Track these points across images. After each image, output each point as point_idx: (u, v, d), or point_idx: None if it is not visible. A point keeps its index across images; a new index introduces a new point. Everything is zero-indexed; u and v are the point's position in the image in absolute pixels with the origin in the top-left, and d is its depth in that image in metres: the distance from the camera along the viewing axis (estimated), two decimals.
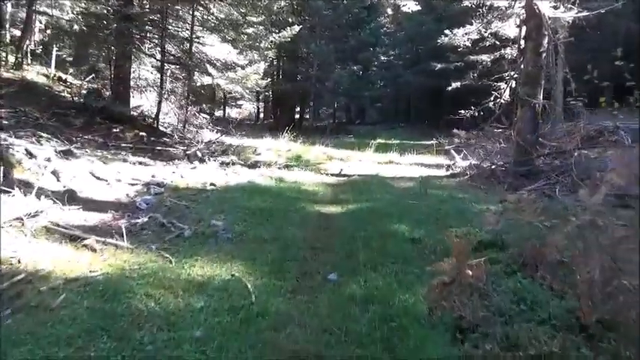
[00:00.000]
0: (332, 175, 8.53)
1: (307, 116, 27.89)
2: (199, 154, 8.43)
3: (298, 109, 25.47)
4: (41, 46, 13.30)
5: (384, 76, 29.87)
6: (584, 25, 10.47)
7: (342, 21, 19.84)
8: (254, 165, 8.55)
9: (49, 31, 13.00)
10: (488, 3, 11.47)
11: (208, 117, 14.97)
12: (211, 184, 6.37)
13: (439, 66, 19.56)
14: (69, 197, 4.88)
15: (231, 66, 12.09)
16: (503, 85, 9.62)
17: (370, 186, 7.42)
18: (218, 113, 32.66)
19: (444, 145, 14.13)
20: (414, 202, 6.29)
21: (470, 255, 3.04)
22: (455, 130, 15.38)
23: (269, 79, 28.17)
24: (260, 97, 31.32)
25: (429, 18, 21.51)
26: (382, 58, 29.14)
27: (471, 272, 2.87)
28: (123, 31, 8.68)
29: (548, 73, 8.17)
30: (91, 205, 4.98)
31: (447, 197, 6.76)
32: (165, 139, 9.58)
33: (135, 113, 10.86)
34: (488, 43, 13.63)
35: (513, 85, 9.80)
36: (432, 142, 18.29)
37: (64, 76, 13.15)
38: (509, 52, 12.43)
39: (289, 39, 12.17)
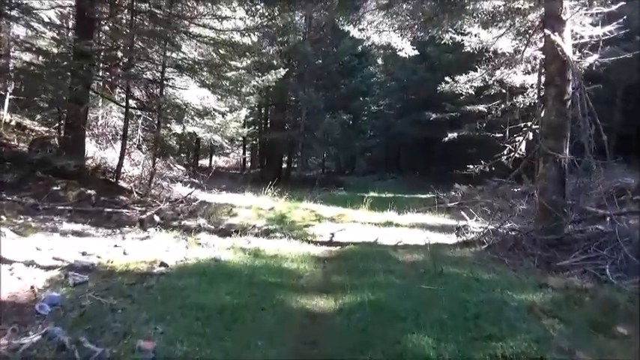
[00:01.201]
0: (322, 243, 6.99)
1: (295, 166, 26.71)
2: (157, 218, 6.86)
3: (286, 158, 24.24)
4: None
5: (375, 125, 29.09)
6: (601, 72, 9.52)
7: (332, 68, 19.00)
8: (226, 231, 6.99)
9: None
10: (492, 49, 10.54)
11: (184, 169, 13.49)
12: (162, 265, 4.78)
13: (434, 116, 18.60)
14: None
15: (209, 113, 10.82)
16: (518, 137, 8.42)
17: (370, 261, 5.87)
18: (204, 162, 31.61)
19: (443, 201, 12.80)
20: (430, 289, 4.77)
21: None
22: (456, 185, 14.18)
23: (254, 128, 27.40)
24: (247, 146, 30.31)
25: (423, 66, 20.84)
26: (373, 107, 28.50)
27: None
28: (77, 70, 7.35)
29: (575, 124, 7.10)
30: None
31: (468, 279, 5.25)
32: (121, 197, 8.03)
33: (94, 165, 9.38)
34: (494, 91, 12.59)
35: (530, 137, 8.58)
36: (427, 195, 17.25)
37: (24, 122, 11.75)
38: (521, 100, 11.34)
39: (274, 84, 11.02)
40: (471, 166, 9.19)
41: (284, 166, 23.76)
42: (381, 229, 8.66)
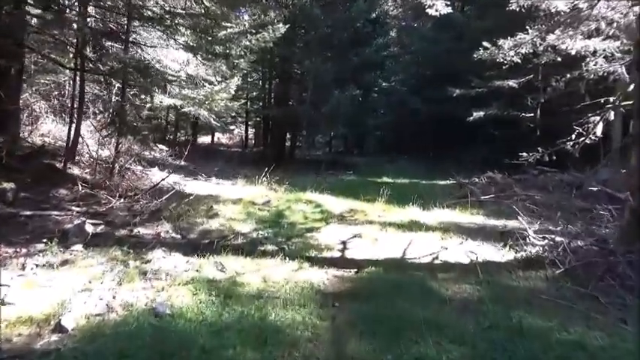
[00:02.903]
0: (329, 262, 4.94)
1: (300, 144, 24.60)
2: (89, 228, 4.78)
3: (290, 136, 22.11)
4: None
5: (387, 102, 26.75)
6: None
7: (342, 36, 16.61)
8: (196, 244, 4.99)
9: None
10: (544, 5, 8.27)
11: (167, 149, 11.46)
12: (57, 330, 2.80)
13: (457, 92, 16.33)
14: None
15: (193, 81, 8.74)
16: (594, 117, 6.29)
17: (403, 301, 3.87)
18: (205, 139, 29.62)
19: (472, 192, 10.68)
20: None
21: None
22: (490, 174, 12.05)
23: (258, 103, 25.25)
24: (250, 123, 28.19)
25: (446, 36, 18.41)
26: (384, 84, 26.14)
27: None
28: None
29: None
30: None
31: (567, 346, 3.26)
32: (62, 190, 6.03)
33: (37, 146, 7.36)
34: (544, 59, 10.32)
35: (611, 117, 6.43)
36: (448, 182, 15.15)
37: None
38: (596, 68, 9.06)
39: (272, 44, 8.82)
40: (524, 154, 7.03)
41: (288, 145, 21.64)
42: (406, 233, 6.63)
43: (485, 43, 9.63)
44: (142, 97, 9.11)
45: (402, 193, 10.50)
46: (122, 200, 5.97)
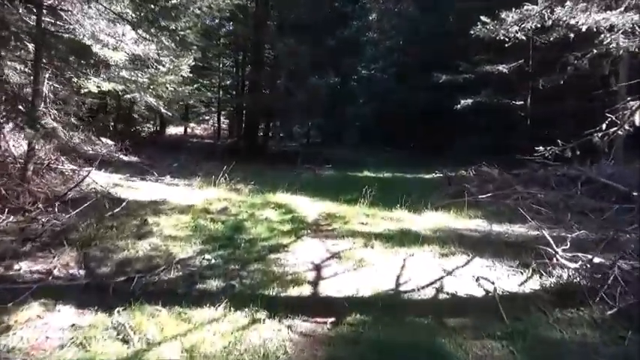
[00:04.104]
0: (297, 305, 3.44)
1: (272, 134, 23.05)
2: None
3: (264, 127, 20.50)
4: None
5: (367, 91, 25.28)
6: None
7: (319, 15, 15.02)
8: (104, 285, 3.46)
9: None
10: None
11: (113, 143, 9.81)
12: None
13: (444, 77, 15.03)
14: None
15: (134, 60, 7.16)
16: (633, 102, 5.03)
17: None
18: (177, 130, 27.77)
19: (468, 190, 9.36)
20: None
21: None
22: (486, 169, 10.76)
23: (231, 92, 23.48)
24: (224, 112, 26.42)
25: (431, 18, 17.02)
26: (363, 72, 24.67)
27: None
28: None
29: None
30: None
31: None
32: None
33: None
34: (557, 35, 8.99)
35: None
36: (433, 175, 13.95)
37: None
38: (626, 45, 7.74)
39: (228, 13, 7.24)
40: (541, 148, 5.71)
41: (262, 136, 20.02)
42: (397, 249, 5.24)
43: (483, 18, 8.27)
44: (75, 80, 7.44)
45: (387, 191, 9.17)
46: (17, 216, 4.39)
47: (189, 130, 28.28)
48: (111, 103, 12.52)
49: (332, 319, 3.29)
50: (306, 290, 3.85)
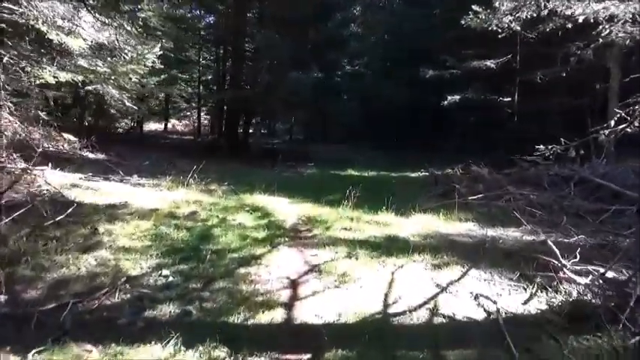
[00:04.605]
0: (265, 347, 2.77)
1: (252, 131, 22.33)
2: None
3: (244, 123, 19.75)
4: None
5: (351, 87, 24.73)
6: None
7: (301, 6, 14.33)
8: (25, 315, 2.79)
9: None
10: None
11: (77, 139, 9.05)
12: None
13: (430, 72, 14.54)
14: None
15: (113, 53, 6.46)
16: None
17: None
18: (157, 126, 26.94)
19: (456, 190, 8.85)
20: None
21: None
22: (475, 168, 10.26)
23: (212, 87, 22.65)
24: (204, 108, 25.56)
25: (417, 12, 16.52)
26: (347, 67, 24.08)
27: None
28: None
29: None
30: None
31: None
32: None
33: None
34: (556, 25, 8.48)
35: None
36: (419, 174, 13.49)
37: None
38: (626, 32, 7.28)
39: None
40: (542, 146, 5.20)
41: (241, 132, 19.29)
42: (385, 260, 4.67)
43: (475, 7, 7.76)
44: (28, 70, 6.67)
45: (372, 191, 8.63)
46: None
47: (169, 126, 27.43)
48: (83, 97, 11.66)
49: (307, 357, 2.69)
50: (278, 315, 3.24)
